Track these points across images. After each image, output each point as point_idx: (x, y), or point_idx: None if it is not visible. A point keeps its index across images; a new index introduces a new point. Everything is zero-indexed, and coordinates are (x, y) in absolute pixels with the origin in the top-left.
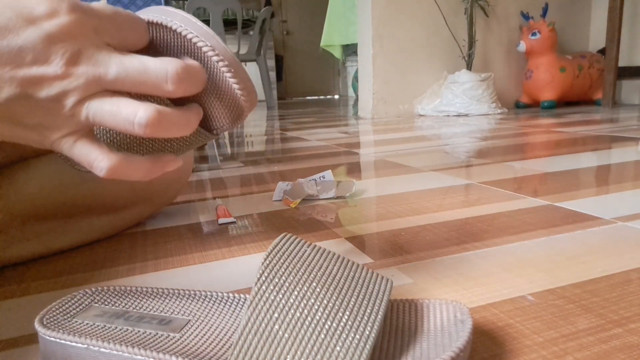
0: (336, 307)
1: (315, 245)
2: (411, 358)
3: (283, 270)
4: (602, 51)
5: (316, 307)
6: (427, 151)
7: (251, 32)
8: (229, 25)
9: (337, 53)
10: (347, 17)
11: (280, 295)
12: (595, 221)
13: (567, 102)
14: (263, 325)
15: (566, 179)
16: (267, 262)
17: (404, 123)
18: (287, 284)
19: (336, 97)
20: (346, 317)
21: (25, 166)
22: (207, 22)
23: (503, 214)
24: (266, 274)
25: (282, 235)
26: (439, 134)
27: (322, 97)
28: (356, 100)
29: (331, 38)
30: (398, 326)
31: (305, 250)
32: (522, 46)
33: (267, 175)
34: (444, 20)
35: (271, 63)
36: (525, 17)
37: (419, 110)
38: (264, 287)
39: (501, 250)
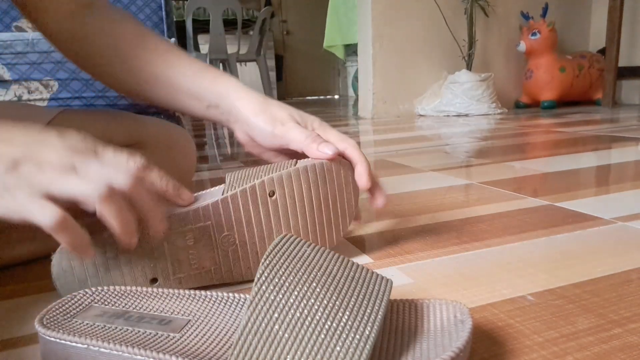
0: (336, 307)
1: (315, 245)
2: (411, 358)
3: (283, 270)
4: (602, 51)
5: (316, 307)
6: (427, 151)
7: (251, 32)
8: (229, 25)
9: (340, 53)
10: (348, 17)
11: (280, 296)
12: (595, 221)
13: (567, 102)
14: (263, 325)
15: (566, 179)
16: (267, 262)
17: (404, 123)
18: (287, 284)
19: (336, 97)
20: (346, 317)
21: None
22: (207, 22)
23: (503, 214)
24: (266, 274)
25: (282, 235)
26: (439, 134)
27: (322, 97)
28: (356, 100)
29: (334, 38)
30: (398, 326)
31: (305, 250)
32: (522, 46)
33: None
34: (444, 20)
35: (271, 63)
36: (525, 17)
37: (419, 110)
38: (264, 287)
39: (501, 250)
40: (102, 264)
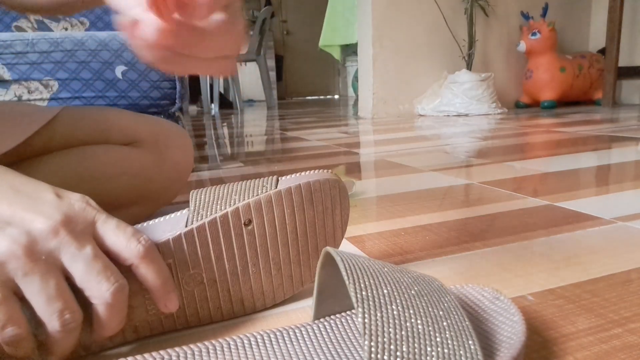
0: (434, 317)
1: (360, 256)
2: (489, 342)
3: (373, 287)
4: (602, 51)
5: (419, 320)
6: (427, 151)
7: (251, 32)
8: None
9: (336, 54)
10: (345, 18)
11: (386, 314)
12: (595, 221)
13: (567, 102)
14: (392, 347)
15: (566, 179)
16: (357, 281)
17: (404, 123)
18: (382, 301)
19: (336, 97)
20: (445, 324)
21: (26, 166)
22: None
23: (503, 214)
24: (365, 294)
25: (325, 249)
26: (439, 134)
27: (322, 97)
28: (356, 100)
29: (329, 38)
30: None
31: (365, 262)
32: (522, 46)
33: (267, 175)
34: (444, 20)
35: (271, 63)
36: (525, 17)
37: (419, 110)
38: (372, 311)
39: (501, 250)
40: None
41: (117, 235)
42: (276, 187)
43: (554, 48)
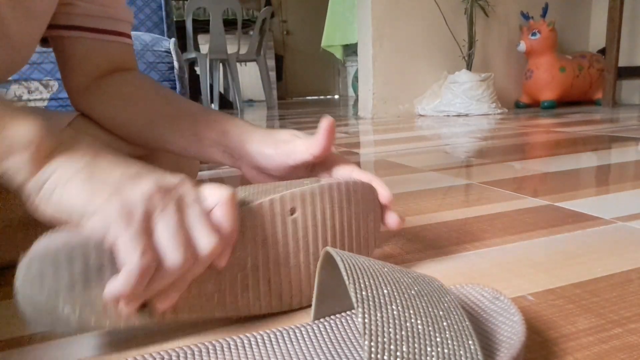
0: (434, 317)
1: (361, 256)
2: (490, 342)
3: (373, 287)
4: (602, 51)
5: (419, 321)
6: (427, 151)
7: (251, 32)
8: (229, 25)
9: (338, 53)
10: (346, 17)
11: (386, 315)
12: (595, 221)
13: (567, 102)
14: (392, 347)
15: (566, 179)
16: (357, 280)
17: (404, 123)
18: (382, 301)
19: (336, 97)
20: (446, 324)
21: None
22: (207, 22)
23: (503, 214)
24: (365, 294)
25: (325, 249)
26: (439, 134)
27: (322, 97)
28: (356, 100)
29: (332, 38)
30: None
31: (365, 262)
32: (522, 46)
33: None
34: (444, 20)
35: (271, 63)
36: (525, 17)
37: (419, 110)
38: (372, 311)
39: (501, 250)
40: (81, 275)
41: (205, 188)
42: (319, 183)
43: (554, 48)
